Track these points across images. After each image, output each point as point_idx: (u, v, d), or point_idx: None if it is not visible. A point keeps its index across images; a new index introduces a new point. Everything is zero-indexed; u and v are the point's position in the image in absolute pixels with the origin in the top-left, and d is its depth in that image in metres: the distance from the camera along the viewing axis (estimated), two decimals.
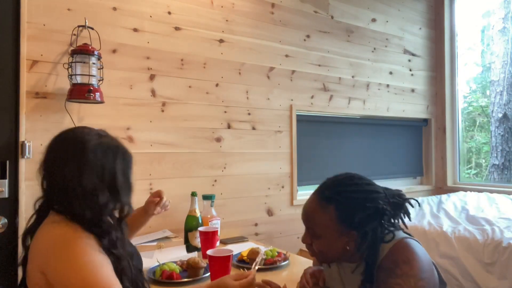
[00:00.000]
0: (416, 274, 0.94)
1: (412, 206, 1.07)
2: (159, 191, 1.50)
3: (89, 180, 0.95)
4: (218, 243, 1.71)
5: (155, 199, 1.47)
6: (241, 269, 1.15)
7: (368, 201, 1.01)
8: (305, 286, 1.15)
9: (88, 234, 0.93)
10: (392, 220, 1.04)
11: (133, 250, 1.07)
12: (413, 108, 3.34)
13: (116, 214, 1.04)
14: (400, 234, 1.04)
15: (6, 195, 1.62)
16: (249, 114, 2.39)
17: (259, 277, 1.37)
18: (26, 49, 1.68)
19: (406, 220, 1.07)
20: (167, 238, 1.90)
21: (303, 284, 1.16)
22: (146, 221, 1.50)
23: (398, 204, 1.05)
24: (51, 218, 0.97)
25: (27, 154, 1.66)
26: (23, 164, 1.66)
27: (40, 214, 1.02)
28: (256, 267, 1.12)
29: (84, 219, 0.94)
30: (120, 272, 0.95)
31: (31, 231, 1.01)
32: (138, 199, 1.54)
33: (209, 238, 1.63)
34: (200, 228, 1.68)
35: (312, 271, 1.20)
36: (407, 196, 1.10)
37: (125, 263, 0.98)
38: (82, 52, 1.71)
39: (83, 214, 0.94)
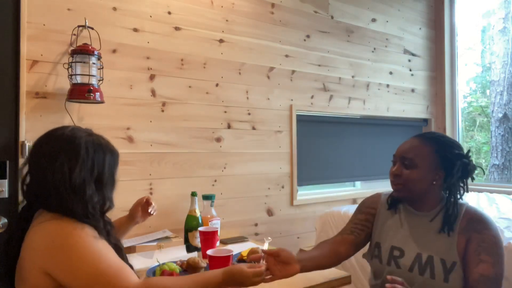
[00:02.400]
0: (497, 234, 1.17)
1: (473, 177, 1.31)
2: (147, 197, 1.50)
3: (79, 175, 0.97)
4: (218, 243, 1.71)
5: (142, 202, 1.47)
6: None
7: (460, 149, 1.26)
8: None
9: (83, 224, 0.94)
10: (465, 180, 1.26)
11: (121, 246, 1.09)
12: (413, 108, 3.34)
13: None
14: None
15: (6, 195, 1.62)
16: (249, 114, 2.39)
17: None
18: (26, 49, 1.68)
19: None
20: (167, 238, 1.90)
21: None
22: (129, 229, 1.49)
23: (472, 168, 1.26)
24: (40, 218, 0.96)
25: (27, 154, 1.66)
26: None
27: (23, 217, 1.01)
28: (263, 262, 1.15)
29: (76, 213, 0.94)
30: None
31: (14, 238, 0.99)
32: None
33: (209, 238, 1.63)
34: (200, 228, 1.68)
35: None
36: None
37: (123, 253, 1.01)
38: (82, 52, 1.71)
39: (75, 208, 0.94)
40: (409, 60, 3.31)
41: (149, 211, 1.47)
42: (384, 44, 3.13)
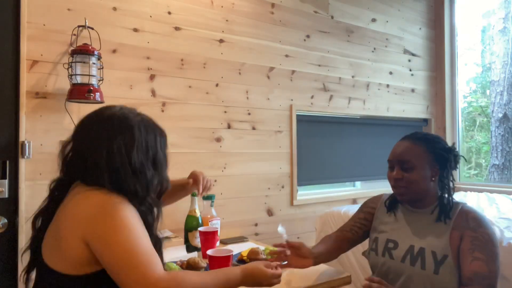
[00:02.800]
0: (492, 232, 1.20)
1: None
2: (196, 174, 1.49)
3: (137, 157, 0.96)
4: (218, 243, 1.71)
5: (190, 181, 1.48)
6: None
7: (446, 143, 1.37)
8: (381, 282, 1.17)
9: (131, 206, 0.93)
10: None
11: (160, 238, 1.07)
12: (413, 108, 3.34)
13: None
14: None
15: (6, 195, 1.62)
16: (249, 114, 2.39)
17: None
18: (26, 49, 1.68)
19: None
20: (167, 238, 1.90)
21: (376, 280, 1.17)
22: (184, 195, 1.54)
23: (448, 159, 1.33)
24: (82, 187, 0.94)
25: (27, 154, 1.66)
26: (23, 164, 1.66)
27: (59, 190, 0.99)
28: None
29: (135, 195, 0.94)
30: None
31: (45, 211, 0.99)
32: None
33: (209, 238, 1.63)
34: (200, 228, 1.68)
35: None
36: None
37: (161, 245, 1.00)
38: (82, 52, 1.71)
39: (135, 191, 0.94)
40: (409, 60, 3.31)
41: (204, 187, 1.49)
42: (384, 44, 3.13)
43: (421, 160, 1.29)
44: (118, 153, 0.94)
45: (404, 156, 1.31)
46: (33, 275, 0.99)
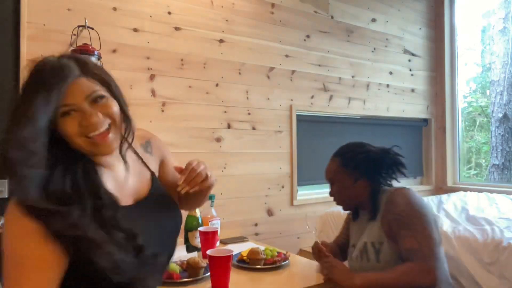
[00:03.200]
0: (408, 206, 1.29)
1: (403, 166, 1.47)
2: (188, 163, 0.96)
3: None
4: (218, 243, 1.71)
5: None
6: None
7: (361, 153, 1.46)
8: (321, 249, 1.36)
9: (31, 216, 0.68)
10: (388, 173, 1.44)
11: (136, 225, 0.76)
12: (413, 108, 3.34)
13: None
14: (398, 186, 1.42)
15: (6, 195, 1.62)
16: (249, 114, 2.39)
17: (260, 277, 1.37)
18: (26, 49, 1.68)
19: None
20: None
21: (319, 248, 1.37)
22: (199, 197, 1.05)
23: (391, 159, 1.46)
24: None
25: None
26: None
27: None
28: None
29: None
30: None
31: None
32: None
33: (209, 238, 1.63)
34: (200, 228, 1.68)
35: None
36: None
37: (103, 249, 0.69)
38: (82, 52, 1.71)
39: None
40: (409, 60, 3.31)
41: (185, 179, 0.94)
42: (384, 44, 3.13)
43: (338, 174, 1.45)
44: None
45: (327, 175, 1.51)
46: None
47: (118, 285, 0.72)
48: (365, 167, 1.42)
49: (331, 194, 1.49)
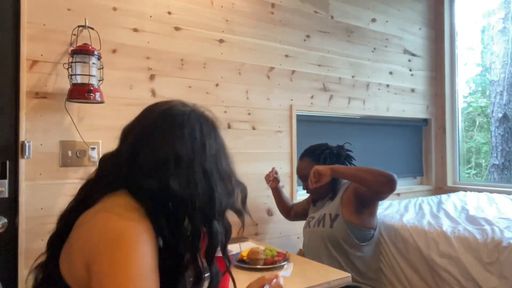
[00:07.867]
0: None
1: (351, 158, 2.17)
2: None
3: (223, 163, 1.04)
4: None
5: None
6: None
7: (326, 150, 2.08)
8: (269, 176, 2.20)
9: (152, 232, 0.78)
10: (344, 164, 2.08)
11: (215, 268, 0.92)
12: (413, 108, 3.34)
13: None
14: None
15: (6, 195, 1.62)
16: (249, 114, 2.39)
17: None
18: (26, 49, 1.68)
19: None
20: None
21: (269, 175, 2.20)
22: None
23: (345, 154, 2.11)
24: (113, 201, 0.83)
25: (27, 154, 1.66)
26: (23, 164, 1.66)
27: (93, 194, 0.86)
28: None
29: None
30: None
31: (69, 214, 0.87)
32: None
33: None
34: None
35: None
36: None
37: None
38: (82, 52, 1.71)
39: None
40: (409, 60, 3.31)
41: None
42: (384, 44, 3.13)
43: (307, 169, 1.97)
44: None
45: (301, 172, 2.09)
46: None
47: None
48: (330, 161, 1.99)
49: (306, 188, 1.98)
